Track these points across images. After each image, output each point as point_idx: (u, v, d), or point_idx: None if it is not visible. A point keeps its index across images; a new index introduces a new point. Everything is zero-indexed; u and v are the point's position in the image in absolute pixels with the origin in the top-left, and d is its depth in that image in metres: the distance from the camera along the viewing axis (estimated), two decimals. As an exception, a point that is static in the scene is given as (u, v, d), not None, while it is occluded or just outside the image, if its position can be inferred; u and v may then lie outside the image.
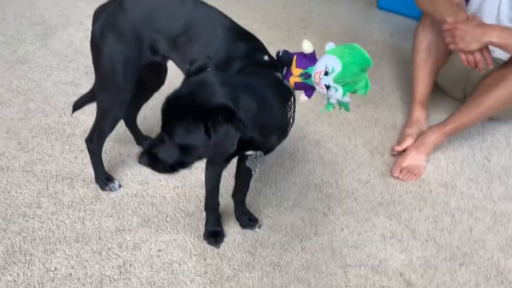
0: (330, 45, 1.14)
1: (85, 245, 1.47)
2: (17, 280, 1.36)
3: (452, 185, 1.87)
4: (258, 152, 1.20)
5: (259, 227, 1.60)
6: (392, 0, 2.90)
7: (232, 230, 1.58)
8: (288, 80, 1.19)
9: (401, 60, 2.52)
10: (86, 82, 2.06)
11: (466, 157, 2.01)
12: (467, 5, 2.08)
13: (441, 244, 1.63)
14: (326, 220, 1.66)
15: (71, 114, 1.77)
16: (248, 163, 1.28)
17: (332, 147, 1.96)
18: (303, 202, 1.71)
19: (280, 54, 1.19)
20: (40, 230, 1.50)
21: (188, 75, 1.06)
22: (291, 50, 1.29)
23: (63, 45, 2.28)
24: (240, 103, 1.01)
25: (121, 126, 1.84)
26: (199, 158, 1.10)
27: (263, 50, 1.24)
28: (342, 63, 1.08)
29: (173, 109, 1.04)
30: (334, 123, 2.08)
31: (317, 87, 1.15)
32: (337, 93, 1.11)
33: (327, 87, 1.11)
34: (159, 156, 1.09)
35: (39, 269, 1.39)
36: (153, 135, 1.85)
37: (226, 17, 1.29)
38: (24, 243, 1.45)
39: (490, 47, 1.72)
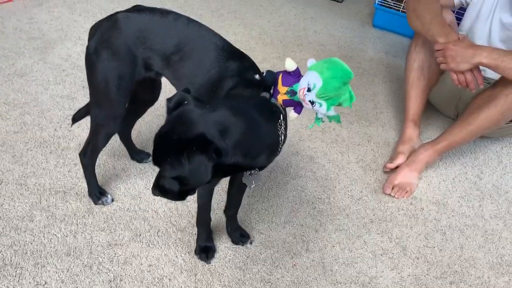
0: (311, 61, 1.17)
1: (76, 259, 1.47)
2: (7, 293, 1.35)
3: (444, 202, 1.88)
4: (253, 170, 1.21)
5: (251, 243, 1.60)
6: (387, 19, 2.94)
7: (224, 245, 1.59)
8: (276, 98, 1.21)
9: (395, 78, 2.55)
10: (83, 96, 2.08)
11: (458, 175, 2.02)
12: (458, 26, 2.13)
13: (432, 262, 1.64)
14: (317, 236, 1.67)
15: (70, 127, 1.78)
16: (243, 179, 1.29)
17: (325, 163, 1.98)
18: (295, 218, 1.72)
19: (264, 74, 1.22)
20: (31, 243, 1.50)
21: (168, 111, 1.10)
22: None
23: (61, 59, 2.31)
24: (220, 131, 1.03)
25: (115, 140, 1.85)
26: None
27: (254, 69, 1.26)
28: (323, 79, 1.10)
29: (158, 148, 1.09)
30: (328, 140, 2.10)
31: (303, 103, 1.17)
32: (322, 108, 1.13)
33: (312, 102, 1.13)
34: (166, 187, 1.11)
35: (29, 283, 1.39)
36: (148, 149, 1.87)
37: (218, 36, 1.31)
38: (15, 256, 1.45)
39: (482, 67, 1.75)
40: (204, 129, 1.02)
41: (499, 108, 1.76)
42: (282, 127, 1.18)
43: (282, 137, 1.19)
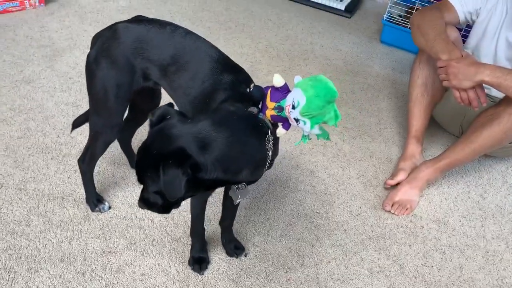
0: (297, 78, 1.16)
1: (69, 265, 1.48)
2: (-1, 297, 1.36)
3: (445, 221, 1.85)
4: (240, 185, 1.21)
5: (245, 255, 1.59)
6: (395, 35, 2.94)
7: (218, 257, 1.58)
8: (264, 114, 1.21)
9: (401, 94, 2.53)
10: (87, 103, 2.08)
11: (460, 194, 1.99)
12: (464, 44, 2.11)
13: (430, 282, 1.60)
14: (313, 251, 1.65)
15: (70, 133, 1.80)
16: (230, 193, 1.29)
17: (325, 177, 1.96)
18: (292, 232, 1.70)
19: (252, 89, 1.21)
20: (26, 248, 1.51)
21: (151, 125, 1.11)
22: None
23: (69, 67, 2.34)
24: (200, 146, 1.04)
25: (116, 148, 1.87)
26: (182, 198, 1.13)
27: (247, 82, 1.26)
28: (306, 97, 1.09)
29: (139, 162, 1.11)
30: (329, 154, 2.09)
31: (289, 120, 1.16)
32: (306, 126, 1.12)
33: (296, 120, 1.12)
34: (150, 200, 1.14)
35: (22, 287, 1.39)
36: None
37: (214, 48, 1.32)
38: (10, 260, 1.46)
39: (487, 86, 1.73)
40: (184, 144, 1.04)
41: (502, 127, 1.74)
42: (271, 143, 1.17)
43: (270, 152, 1.18)
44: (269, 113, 1.19)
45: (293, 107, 1.10)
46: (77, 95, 2.17)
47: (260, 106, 1.21)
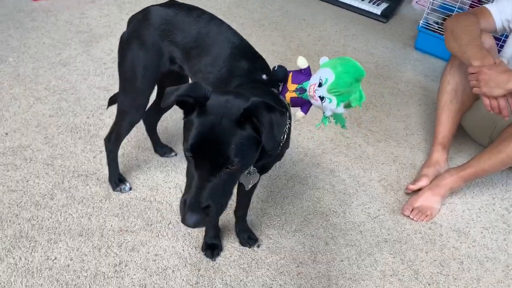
0: (324, 59, 1.16)
1: (87, 240, 1.52)
2: (18, 263, 1.42)
3: (465, 231, 1.80)
4: (252, 169, 1.21)
5: (258, 246, 1.60)
6: (430, 42, 2.89)
7: (231, 245, 1.59)
8: (284, 96, 1.22)
9: (431, 101, 2.48)
10: (118, 88, 2.16)
11: (484, 205, 1.93)
12: (500, 52, 2.06)
13: (444, 290, 1.57)
14: (327, 248, 1.64)
15: (106, 109, 1.86)
16: (241, 179, 1.29)
17: (345, 177, 1.95)
18: (307, 228, 1.70)
19: (276, 68, 1.22)
20: (48, 220, 1.57)
21: (200, 102, 0.99)
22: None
23: (104, 53, 2.42)
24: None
25: (142, 133, 1.92)
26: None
27: (263, 69, 1.27)
28: (335, 73, 1.09)
29: (214, 141, 0.96)
30: (352, 155, 2.07)
31: (312, 100, 1.16)
32: (331, 104, 1.12)
33: (321, 98, 1.12)
34: (212, 202, 0.98)
35: (40, 256, 1.45)
36: (172, 144, 1.92)
37: (237, 35, 1.33)
38: (32, 230, 1.52)
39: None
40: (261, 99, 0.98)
41: (532, 139, 1.68)
42: (287, 126, 1.18)
43: (285, 136, 1.19)
44: (290, 95, 1.20)
45: (320, 85, 1.10)
46: (109, 80, 2.24)
47: (280, 88, 1.22)
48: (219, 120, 0.96)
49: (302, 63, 1.19)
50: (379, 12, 3.23)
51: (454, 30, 1.84)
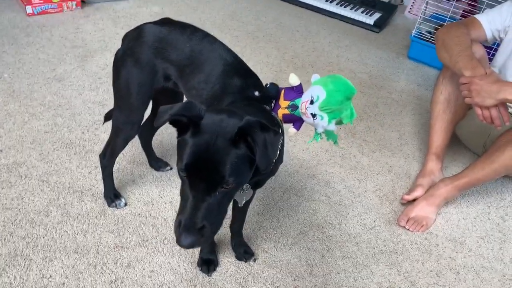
0: (315, 77, 1.18)
1: (82, 257, 1.52)
2: (13, 282, 1.41)
3: (461, 241, 1.80)
4: (245, 185, 1.22)
5: (254, 260, 1.59)
6: (423, 51, 2.91)
7: (227, 260, 1.59)
8: (276, 113, 1.23)
9: (425, 110, 2.50)
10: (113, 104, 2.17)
11: (480, 214, 1.94)
12: (491, 62, 2.08)
13: (441, 301, 1.57)
14: (323, 261, 1.64)
15: (102, 124, 1.87)
16: (235, 196, 1.30)
17: (341, 189, 1.96)
18: (303, 241, 1.70)
19: (268, 86, 1.24)
20: (43, 237, 1.56)
21: (194, 122, 0.98)
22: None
23: (99, 68, 2.43)
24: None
25: (137, 147, 1.92)
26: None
27: (256, 86, 1.28)
28: (326, 91, 1.11)
29: (208, 160, 0.96)
30: (347, 166, 2.08)
31: (304, 117, 1.18)
32: (323, 121, 1.13)
33: (313, 115, 1.13)
34: (207, 223, 0.98)
35: (35, 274, 1.44)
36: (167, 158, 1.92)
37: (230, 52, 1.35)
38: (27, 248, 1.52)
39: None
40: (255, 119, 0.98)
41: (525, 148, 1.69)
42: (279, 142, 1.18)
43: (278, 152, 1.19)
44: (282, 112, 1.21)
45: (311, 102, 1.11)
46: (104, 95, 2.25)
47: (272, 105, 1.23)
48: (214, 140, 0.97)
49: (294, 80, 1.20)
50: (372, 22, 3.26)
51: (445, 40, 1.86)
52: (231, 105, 1.19)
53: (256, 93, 1.25)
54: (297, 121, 1.22)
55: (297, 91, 1.20)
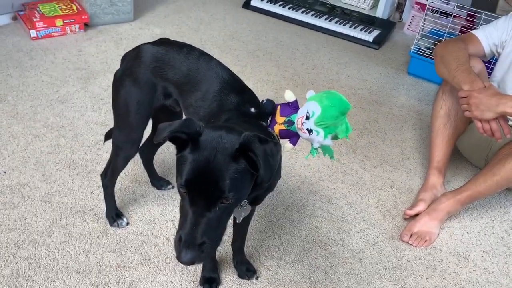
0: (310, 93, 1.21)
1: (84, 277, 1.52)
2: (15, 304, 1.41)
3: (465, 256, 1.79)
4: (243, 202, 1.22)
5: (257, 278, 1.59)
6: (422, 67, 2.93)
7: (229, 278, 1.58)
8: (273, 128, 1.24)
9: (426, 125, 2.51)
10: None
11: (484, 228, 1.93)
12: (490, 76, 2.09)
13: (447, 317, 1.55)
14: (326, 278, 1.63)
15: (103, 143, 1.89)
16: (234, 212, 1.30)
17: (343, 205, 1.95)
18: (306, 258, 1.69)
19: (264, 102, 1.25)
20: (46, 258, 1.56)
21: (193, 137, 1.00)
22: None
23: (101, 89, 2.46)
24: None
25: (139, 166, 1.93)
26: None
27: (251, 102, 1.30)
28: (321, 107, 1.13)
29: (206, 177, 0.97)
30: (349, 182, 2.08)
31: (300, 133, 1.19)
32: (319, 136, 1.15)
33: (309, 131, 1.15)
34: (207, 238, 0.99)
35: (37, 295, 1.44)
36: (169, 177, 1.93)
37: (226, 70, 1.37)
38: (29, 269, 1.52)
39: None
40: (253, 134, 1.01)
41: (526, 160, 1.69)
42: (280, 153, 1.19)
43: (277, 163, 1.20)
44: (278, 128, 1.22)
45: (307, 118, 1.14)
46: (106, 115, 2.27)
47: (268, 121, 1.24)
48: (213, 155, 0.98)
49: (289, 96, 1.22)
50: (371, 39, 3.30)
51: (444, 56, 1.88)
52: (228, 121, 1.21)
53: (252, 110, 1.26)
54: (294, 137, 1.23)
55: (293, 107, 1.22)
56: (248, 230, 1.56)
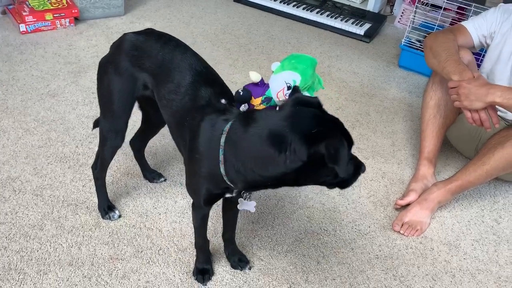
0: (275, 64, 1.24)
1: (77, 270, 1.51)
2: (7, 296, 1.40)
3: (456, 244, 1.81)
4: (247, 193, 1.24)
5: (249, 268, 1.59)
6: (413, 59, 2.95)
7: (222, 269, 1.59)
8: None
9: (417, 117, 2.52)
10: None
11: (474, 217, 1.95)
12: (479, 67, 2.11)
13: (437, 304, 1.57)
14: (319, 268, 1.64)
15: (92, 130, 1.90)
16: (243, 206, 1.32)
17: (335, 195, 1.96)
18: (298, 248, 1.70)
19: (241, 93, 1.25)
20: (38, 251, 1.56)
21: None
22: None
23: (92, 83, 2.44)
24: None
25: (131, 160, 1.93)
26: None
27: (223, 94, 1.29)
28: (299, 72, 1.18)
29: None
30: (340, 173, 2.09)
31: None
32: None
33: None
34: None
35: (30, 288, 1.44)
36: (161, 170, 1.93)
37: (200, 61, 1.36)
38: (21, 262, 1.51)
39: (503, 109, 1.72)
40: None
41: (515, 149, 1.71)
42: None
43: None
44: (258, 109, 1.23)
45: (289, 88, 1.17)
46: (97, 109, 2.22)
47: (245, 108, 1.25)
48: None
49: (256, 77, 1.26)
50: (362, 33, 3.31)
51: (433, 47, 1.89)
52: (211, 121, 1.21)
53: (223, 101, 1.25)
54: None
55: (261, 85, 1.25)
56: (237, 220, 1.56)
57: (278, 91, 1.19)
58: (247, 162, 1.11)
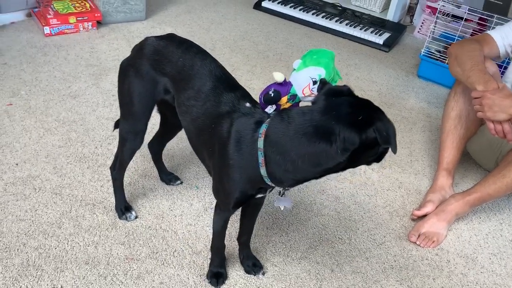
0: (297, 62, 1.29)
1: (93, 268, 1.53)
2: (25, 292, 1.43)
3: (473, 258, 1.78)
4: (282, 189, 1.27)
5: (263, 274, 1.59)
6: (432, 70, 2.93)
7: (236, 273, 1.59)
8: None
9: (435, 128, 2.50)
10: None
11: (492, 231, 1.92)
12: (502, 77, 2.08)
13: (453, 318, 1.54)
14: (332, 276, 1.63)
15: (112, 131, 1.93)
16: (280, 202, 1.35)
17: (350, 204, 1.95)
18: (312, 255, 1.70)
19: (272, 94, 1.26)
20: (55, 248, 1.58)
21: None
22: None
23: (112, 85, 2.48)
24: None
25: (149, 162, 1.95)
26: None
27: (246, 97, 1.31)
28: (323, 67, 1.23)
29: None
30: (357, 182, 2.08)
31: (307, 99, 1.27)
32: None
33: None
34: None
35: (47, 284, 1.46)
36: (178, 173, 1.95)
37: (219, 67, 1.37)
38: (39, 258, 1.54)
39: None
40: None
41: (537, 162, 1.68)
42: None
43: None
44: (285, 107, 1.26)
45: (315, 83, 1.22)
46: (117, 111, 2.27)
47: (274, 109, 1.27)
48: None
49: (280, 77, 1.29)
50: (381, 42, 3.30)
51: (458, 55, 1.87)
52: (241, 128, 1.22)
53: (247, 104, 1.27)
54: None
55: (285, 84, 1.28)
56: (254, 224, 1.57)
57: (304, 87, 1.23)
58: (298, 160, 1.12)
